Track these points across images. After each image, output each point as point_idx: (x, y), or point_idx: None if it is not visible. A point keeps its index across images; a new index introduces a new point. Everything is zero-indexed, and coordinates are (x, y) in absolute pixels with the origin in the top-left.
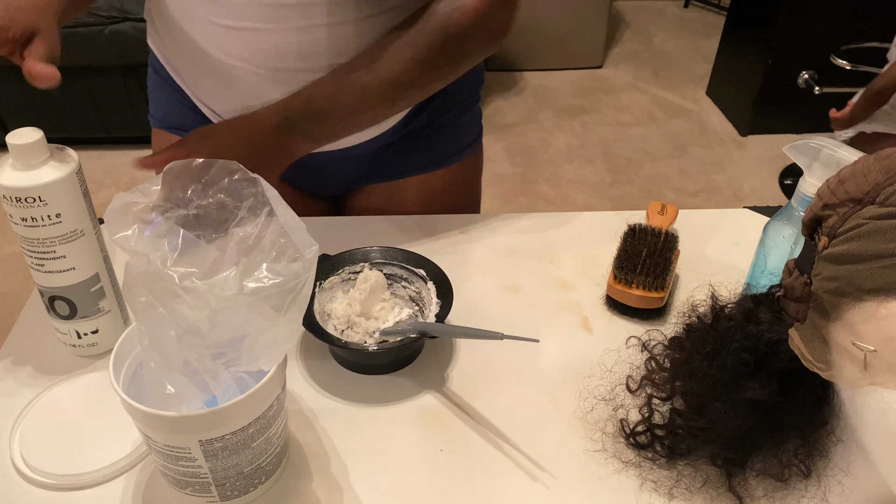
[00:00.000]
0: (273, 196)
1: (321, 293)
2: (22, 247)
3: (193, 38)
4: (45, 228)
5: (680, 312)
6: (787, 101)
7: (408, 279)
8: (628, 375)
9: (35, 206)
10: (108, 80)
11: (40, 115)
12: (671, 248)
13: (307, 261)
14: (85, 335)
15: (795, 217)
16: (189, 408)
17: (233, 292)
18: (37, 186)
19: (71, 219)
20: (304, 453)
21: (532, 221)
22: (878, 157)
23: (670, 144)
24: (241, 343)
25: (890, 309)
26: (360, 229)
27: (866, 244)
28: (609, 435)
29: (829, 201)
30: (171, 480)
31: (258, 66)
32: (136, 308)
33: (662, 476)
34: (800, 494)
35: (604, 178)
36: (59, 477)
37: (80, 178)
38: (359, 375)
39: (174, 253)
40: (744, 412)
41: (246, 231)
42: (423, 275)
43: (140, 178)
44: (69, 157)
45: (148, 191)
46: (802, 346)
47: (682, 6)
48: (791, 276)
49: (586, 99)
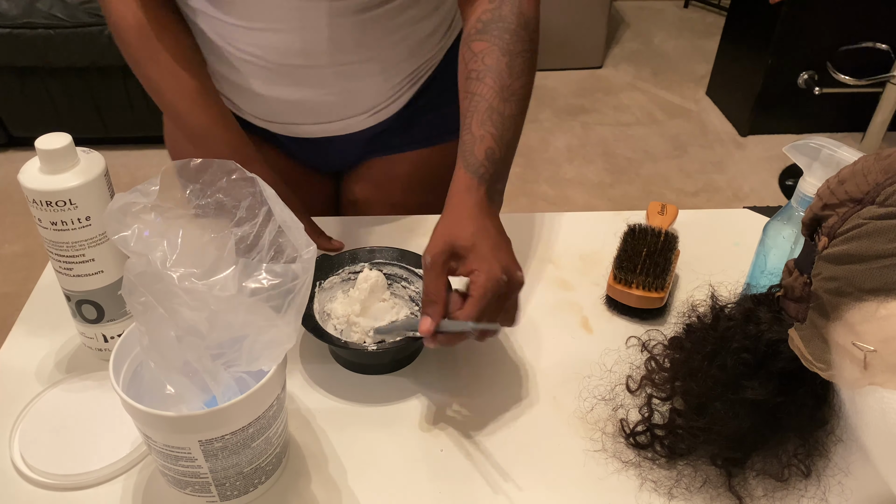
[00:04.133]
0: (270, 195)
1: (321, 293)
2: (49, 251)
3: (205, 32)
4: (75, 232)
5: (680, 312)
6: (787, 101)
7: (407, 279)
8: (628, 375)
9: (65, 209)
10: (108, 80)
11: (40, 116)
12: (671, 248)
13: (305, 261)
14: (112, 339)
15: (795, 217)
16: (189, 408)
17: (232, 293)
18: (67, 190)
19: (100, 221)
20: (303, 453)
21: (532, 221)
22: (878, 157)
23: (670, 144)
24: (241, 343)
25: (890, 309)
26: (361, 229)
27: (866, 244)
28: (609, 435)
29: (829, 201)
30: (171, 480)
31: (267, 62)
32: (136, 308)
33: (662, 476)
34: (800, 494)
35: (604, 178)
36: (59, 477)
37: (107, 180)
38: (358, 376)
39: (173, 253)
40: (744, 412)
41: (244, 231)
42: (422, 275)
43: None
44: (97, 159)
45: (147, 191)
46: (802, 346)
47: (682, 6)
48: (791, 276)
49: (586, 99)
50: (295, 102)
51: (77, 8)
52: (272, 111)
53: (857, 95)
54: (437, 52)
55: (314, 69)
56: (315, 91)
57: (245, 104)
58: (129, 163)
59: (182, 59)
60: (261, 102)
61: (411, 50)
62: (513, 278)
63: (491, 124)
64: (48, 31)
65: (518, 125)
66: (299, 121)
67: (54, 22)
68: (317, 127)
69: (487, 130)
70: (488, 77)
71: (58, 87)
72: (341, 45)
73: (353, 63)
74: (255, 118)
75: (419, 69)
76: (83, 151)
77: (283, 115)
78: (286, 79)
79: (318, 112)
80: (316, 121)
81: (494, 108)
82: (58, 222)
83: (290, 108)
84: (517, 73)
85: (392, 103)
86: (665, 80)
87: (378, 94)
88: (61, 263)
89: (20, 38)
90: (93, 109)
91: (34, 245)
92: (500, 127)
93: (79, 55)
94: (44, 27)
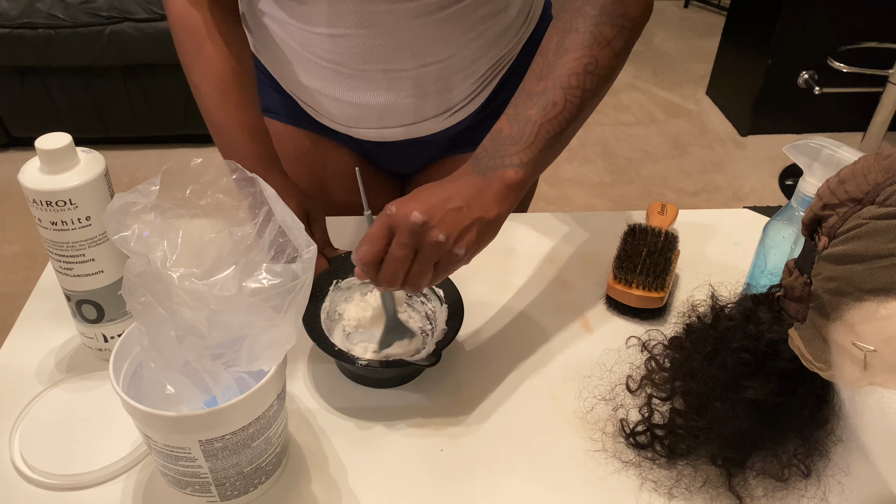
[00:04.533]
0: (271, 195)
1: (337, 292)
2: (49, 251)
3: (287, 41)
4: (75, 232)
5: (680, 312)
6: (787, 101)
7: (427, 296)
8: (628, 375)
9: (65, 209)
10: (108, 80)
11: (40, 116)
12: (671, 248)
13: (305, 261)
14: (112, 338)
15: (795, 217)
16: (189, 408)
17: (232, 293)
18: (67, 190)
19: (100, 221)
20: (303, 453)
21: (532, 221)
22: (878, 157)
23: (670, 144)
24: (241, 343)
25: (890, 309)
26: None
27: (866, 244)
28: (609, 435)
29: (829, 201)
30: (171, 480)
31: (348, 68)
32: (136, 308)
33: (662, 476)
34: (800, 494)
35: (604, 178)
36: (59, 477)
37: (107, 180)
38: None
39: (173, 253)
40: (744, 412)
41: (244, 230)
42: (441, 295)
43: (139, 179)
44: (97, 159)
45: (147, 191)
46: (802, 346)
47: (682, 6)
48: (791, 276)
49: None
50: (375, 107)
51: (77, 8)
52: (352, 117)
53: (857, 95)
54: (514, 45)
55: (394, 73)
56: (395, 95)
57: (325, 111)
58: (129, 163)
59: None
60: (341, 108)
61: (489, 45)
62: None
63: (511, 105)
64: (48, 31)
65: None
66: (379, 125)
67: (54, 22)
68: (396, 130)
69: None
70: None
71: (58, 87)
72: (421, 47)
73: (432, 64)
74: (333, 123)
75: (497, 64)
76: (83, 151)
77: (362, 121)
78: (367, 84)
79: (397, 115)
80: (395, 124)
81: (524, 88)
82: (58, 222)
83: (369, 113)
84: (566, 48)
85: (470, 102)
86: (665, 80)
87: (457, 94)
88: (61, 263)
89: (20, 38)
90: (93, 109)
91: (34, 245)
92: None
93: (79, 55)
94: (44, 27)
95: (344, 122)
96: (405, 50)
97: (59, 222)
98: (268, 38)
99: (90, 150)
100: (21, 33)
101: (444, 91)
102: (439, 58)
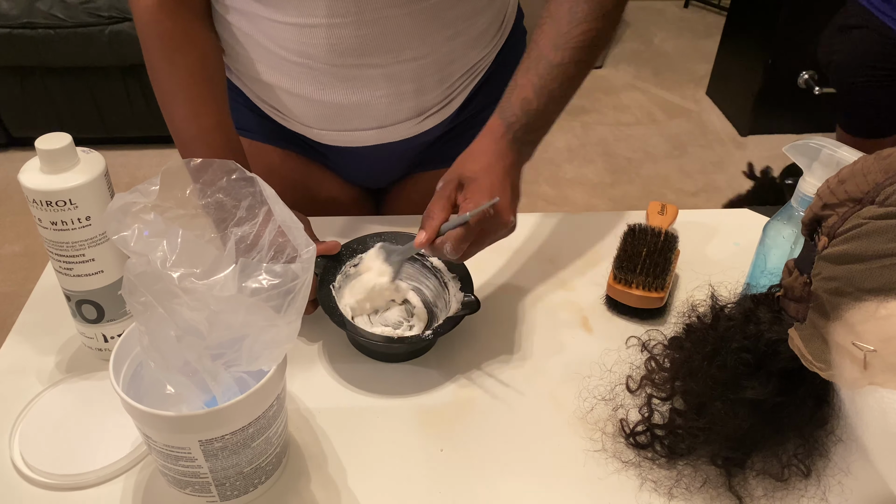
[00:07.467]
0: (270, 195)
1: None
2: (49, 251)
3: (254, 37)
4: (75, 232)
5: (680, 312)
6: (787, 101)
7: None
8: (628, 375)
9: (65, 209)
10: (108, 80)
11: (40, 116)
12: (671, 248)
13: (305, 261)
14: (112, 338)
15: (795, 217)
16: (189, 408)
17: (232, 293)
18: (67, 190)
19: (100, 221)
20: (303, 453)
21: (532, 221)
22: (877, 157)
23: (670, 144)
24: (241, 343)
25: (890, 309)
26: (370, 229)
27: (866, 244)
28: (609, 435)
29: (829, 201)
30: (171, 480)
31: (320, 62)
32: (136, 308)
33: (662, 476)
34: (800, 494)
35: (604, 178)
36: (59, 477)
37: (107, 180)
38: (358, 375)
39: (173, 253)
40: (744, 412)
41: (244, 231)
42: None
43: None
44: (97, 159)
45: (147, 191)
46: (802, 346)
47: (682, 6)
48: (791, 276)
49: (586, 99)
50: (346, 107)
51: (77, 8)
52: (321, 117)
53: None
54: (489, 52)
55: (368, 69)
56: (369, 94)
57: (293, 113)
58: (129, 163)
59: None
60: (310, 108)
61: (466, 46)
62: (501, 217)
63: (535, 73)
64: (48, 31)
65: (568, 74)
66: (349, 127)
67: (54, 22)
68: (367, 133)
69: (529, 79)
70: (546, 24)
71: (58, 87)
72: (397, 41)
73: (408, 61)
74: (303, 126)
75: (472, 70)
76: (83, 151)
77: (332, 122)
78: (338, 82)
79: (369, 117)
80: (366, 126)
81: (543, 56)
82: (58, 222)
83: (340, 114)
84: (579, 19)
85: (443, 108)
86: (665, 80)
87: (431, 98)
88: (61, 263)
89: (20, 38)
90: (93, 109)
91: (34, 245)
92: (546, 76)
93: (79, 55)
94: (44, 27)
95: (313, 125)
96: (380, 43)
97: (59, 222)
98: (231, 37)
99: (90, 150)
100: (21, 33)
101: (419, 92)
102: (415, 55)
